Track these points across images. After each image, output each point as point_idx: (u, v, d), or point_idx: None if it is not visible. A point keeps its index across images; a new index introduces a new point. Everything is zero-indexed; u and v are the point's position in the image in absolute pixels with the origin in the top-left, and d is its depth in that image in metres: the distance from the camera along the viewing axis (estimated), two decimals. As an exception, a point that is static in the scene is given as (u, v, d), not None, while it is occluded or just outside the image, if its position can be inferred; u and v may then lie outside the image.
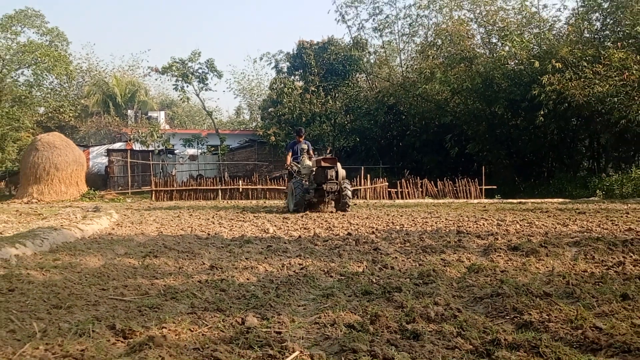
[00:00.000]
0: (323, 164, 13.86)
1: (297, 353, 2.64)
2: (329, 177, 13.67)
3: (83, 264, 5.60)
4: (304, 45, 32.23)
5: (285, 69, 33.62)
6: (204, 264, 5.63)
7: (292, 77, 33.19)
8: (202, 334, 3.12)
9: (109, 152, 33.95)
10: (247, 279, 4.81)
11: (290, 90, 31.11)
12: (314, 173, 14.02)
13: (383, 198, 24.11)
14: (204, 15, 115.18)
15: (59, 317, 3.52)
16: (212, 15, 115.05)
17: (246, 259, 5.93)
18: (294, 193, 13.82)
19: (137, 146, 34.98)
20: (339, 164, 14.06)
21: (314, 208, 14.43)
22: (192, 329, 3.22)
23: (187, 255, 6.21)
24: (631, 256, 5.49)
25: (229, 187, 24.86)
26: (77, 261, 5.76)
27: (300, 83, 32.47)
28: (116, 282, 4.70)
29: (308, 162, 14.51)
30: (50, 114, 37.46)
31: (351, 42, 32.75)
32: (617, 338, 2.74)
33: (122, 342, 3.06)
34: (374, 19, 32.94)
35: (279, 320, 3.36)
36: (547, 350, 2.54)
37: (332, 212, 13.94)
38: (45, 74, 33.60)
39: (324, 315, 3.47)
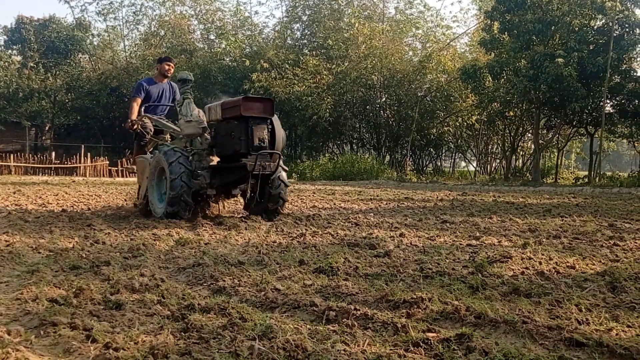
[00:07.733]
0: (244, 111, 6.06)
1: (-10, 331, 2.37)
2: (257, 141, 6.23)
3: None
4: (24, 20, 29.30)
5: (2, 42, 30.12)
6: None
7: (10, 51, 29.88)
8: None
9: None
10: (-58, 259, 4.15)
11: (6, 64, 27.96)
12: (214, 134, 6.68)
13: (104, 176, 22.93)
14: None
15: None
16: None
17: (-58, 237, 5.10)
18: (170, 178, 6.25)
19: None
20: (276, 118, 6.63)
21: (205, 208, 7.30)
22: None
23: None
24: (311, 229, 6.06)
25: None
26: None
27: (19, 58, 29.35)
28: None
29: (197, 112, 6.66)
30: None
31: (74, 22, 30.48)
32: (290, 297, 3.01)
33: None
34: (97, 3, 31.11)
35: (-25, 300, 2.98)
36: (234, 311, 2.68)
37: (242, 216, 7.17)
38: None
39: (27, 291, 3.16)
